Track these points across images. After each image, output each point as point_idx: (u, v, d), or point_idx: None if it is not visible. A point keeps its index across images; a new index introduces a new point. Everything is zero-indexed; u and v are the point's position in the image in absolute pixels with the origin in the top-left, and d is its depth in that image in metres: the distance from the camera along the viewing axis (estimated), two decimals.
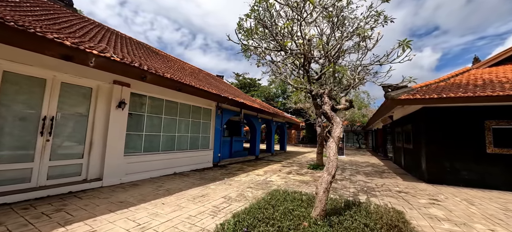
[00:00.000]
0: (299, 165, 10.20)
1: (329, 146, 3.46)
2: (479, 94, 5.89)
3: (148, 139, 6.35)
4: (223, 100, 8.40)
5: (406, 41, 4.04)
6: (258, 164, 9.87)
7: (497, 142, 6.45)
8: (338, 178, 7.26)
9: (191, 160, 7.73)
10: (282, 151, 17.90)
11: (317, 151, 9.14)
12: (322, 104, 4.06)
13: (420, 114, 7.55)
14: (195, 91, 6.87)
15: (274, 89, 31.00)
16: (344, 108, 4.36)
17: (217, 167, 8.56)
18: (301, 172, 8.25)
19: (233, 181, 6.12)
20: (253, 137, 12.79)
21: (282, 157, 13.43)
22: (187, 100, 7.74)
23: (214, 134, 8.98)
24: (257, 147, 12.76)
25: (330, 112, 3.79)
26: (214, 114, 9.06)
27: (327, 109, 3.83)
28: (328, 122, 3.84)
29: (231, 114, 10.15)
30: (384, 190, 5.81)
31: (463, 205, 4.64)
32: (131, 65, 4.48)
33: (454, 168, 6.78)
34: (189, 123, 7.91)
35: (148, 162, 6.18)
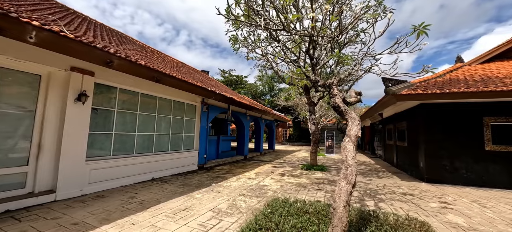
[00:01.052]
0: (292, 165, 9.59)
1: (345, 147, 2.79)
2: (483, 89, 5.62)
3: (119, 140, 5.31)
4: (209, 94, 7.51)
5: (423, 26, 3.48)
6: (248, 165, 9.11)
7: (496, 139, 6.27)
8: (336, 179, 6.71)
9: (172, 163, 6.77)
10: (270, 150, 17.30)
11: (311, 151, 8.59)
12: (332, 97, 3.39)
13: (417, 111, 7.24)
14: (177, 83, 5.92)
15: (261, 86, 30.34)
16: (356, 102, 3.75)
17: (203, 170, 7.66)
18: (295, 173, 7.62)
19: (222, 187, 5.30)
20: (241, 135, 12.00)
21: (272, 157, 12.79)
22: (168, 94, 6.75)
23: (199, 133, 8.05)
24: (246, 147, 11.99)
25: (343, 106, 3.12)
26: (199, 110, 8.13)
27: (338, 101, 3.16)
28: (341, 117, 3.16)
29: (218, 111, 9.27)
30: (388, 192, 5.33)
31: (476, 209, 4.25)
32: (90, 46, 3.48)
33: (453, 166, 6.53)
34: (170, 120, 6.92)
35: (119, 167, 5.16)
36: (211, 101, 8.62)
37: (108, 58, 3.93)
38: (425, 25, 3.42)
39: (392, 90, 6.29)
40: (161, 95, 6.53)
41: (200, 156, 7.98)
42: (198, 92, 7.22)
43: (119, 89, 5.31)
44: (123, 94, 5.43)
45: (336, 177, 7.08)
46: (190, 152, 7.61)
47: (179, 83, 5.87)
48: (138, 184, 5.34)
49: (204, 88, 6.60)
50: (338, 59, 4.44)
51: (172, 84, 6.07)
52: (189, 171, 7.37)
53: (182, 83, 5.85)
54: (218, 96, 7.63)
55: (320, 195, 4.88)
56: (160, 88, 6.28)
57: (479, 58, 8.64)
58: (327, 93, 3.71)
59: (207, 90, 6.81)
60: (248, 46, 9.96)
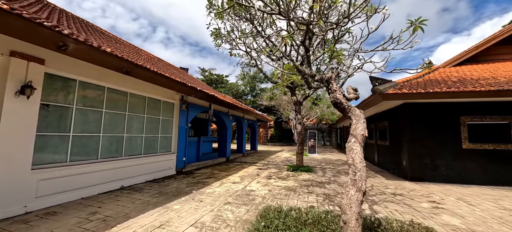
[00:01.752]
0: (277, 167, 9.25)
1: (352, 149, 2.44)
2: (463, 90, 5.79)
3: (78, 143, 4.44)
4: (189, 91, 6.83)
5: (420, 21, 3.30)
6: (231, 168, 8.55)
7: (471, 137, 6.56)
8: (324, 180, 6.50)
9: (146, 168, 5.97)
10: (253, 150, 16.87)
11: (297, 151, 8.33)
12: (331, 92, 3.05)
13: (400, 110, 7.35)
14: (151, 76, 5.19)
15: (243, 86, 29.82)
16: (354, 98, 3.46)
17: (182, 175, 6.94)
18: (282, 175, 7.26)
19: (204, 195, 4.71)
20: (224, 136, 11.38)
21: (255, 158, 12.36)
22: (141, 90, 5.94)
23: (178, 133, 7.31)
24: (228, 148, 11.40)
25: (346, 102, 2.79)
26: (178, 109, 7.38)
27: (340, 97, 2.83)
28: (343, 114, 2.82)
29: (198, 110, 8.57)
30: (378, 193, 5.20)
31: (465, 207, 4.25)
32: (34, 22, 2.70)
33: (434, 164, 6.70)
34: (143, 120, 6.11)
35: (79, 176, 4.30)
36: (191, 99, 7.91)
37: (60, 41, 3.14)
38: (422, 20, 3.24)
39: (379, 89, 6.24)
40: (133, 91, 5.72)
41: (178, 159, 7.24)
42: (177, 88, 6.51)
43: (79, 82, 4.44)
44: (84, 88, 4.57)
45: (323, 178, 6.88)
46: (167, 155, 6.84)
47: (154, 76, 5.14)
48: (103, 195, 4.51)
49: (183, 84, 5.92)
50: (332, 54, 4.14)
51: (146, 78, 5.31)
52: (166, 176, 6.60)
53: (158, 77, 5.13)
54: (199, 94, 6.98)
55: (312, 199, 4.55)
56: (131, 82, 5.47)
57: (452, 61, 9.14)
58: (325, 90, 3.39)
59: (187, 86, 6.14)
60: (231, 42, 9.46)
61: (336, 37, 4.09)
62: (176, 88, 6.49)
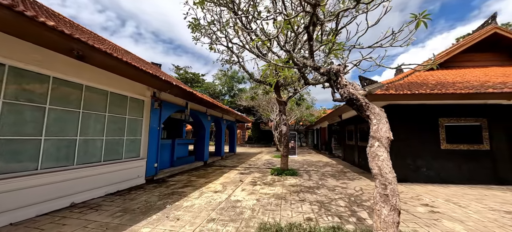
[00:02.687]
0: (260, 170, 8.69)
1: (376, 155, 1.98)
2: (445, 92, 5.91)
3: (7, 149, 3.31)
4: (163, 86, 5.91)
5: (424, 15, 3.03)
6: (210, 173, 7.74)
7: (449, 138, 6.80)
8: (313, 185, 6.12)
9: (108, 178, 4.91)
10: (231, 153, 16.10)
11: (282, 154, 7.87)
12: (340, 87, 2.58)
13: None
14: (115, 66, 4.22)
15: (220, 86, 28.77)
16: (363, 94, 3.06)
17: (153, 184, 5.95)
18: (267, 180, 6.72)
19: (181, 210, 3.91)
20: (201, 138, 10.46)
21: (235, 161, 11.65)
22: (102, 83, 4.88)
23: (149, 136, 6.30)
24: (206, 151, 10.50)
25: (363, 98, 2.34)
26: (149, 107, 6.37)
27: (356, 92, 2.37)
28: (358, 112, 2.36)
29: (173, 109, 7.59)
30: (371, 198, 4.94)
31: (458, 209, 4.18)
32: None
33: (415, 165, 6.80)
34: (104, 119, 5.04)
35: (6, 194, 3.19)
36: (165, 96, 6.93)
37: None
38: (426, 15, 2.98)
39: (367, 89, 6.08)
40: (91, 84, 4.64)
41: (149, 166, 6.22)
42: (148, 82, 5.55)
43: (8, 68, 3.32)
44: (17, 76, 3.45)
45: (310, 182, 6.51)
46: (135, 161, 5.80)
47: (118, 65, 4.19)
48: (43, 217, 3.44)
49: (156, 77, 5.01)
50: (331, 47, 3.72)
51: (107, 67, 4.32)
52: (134, 186, 5.57)
53: (124, 66, 4.19)
54: (175, 90, 6.09)
55: (307, 209, 4.07)
56: (88, 72, 4.42)
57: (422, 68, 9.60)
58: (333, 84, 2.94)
59: (160, 80, 5.23)
60: (211, 35, 8.67)
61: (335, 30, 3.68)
62: (147, 82, 5.53)
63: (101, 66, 4.24)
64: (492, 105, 6.68)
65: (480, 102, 6.66)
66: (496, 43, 9.35)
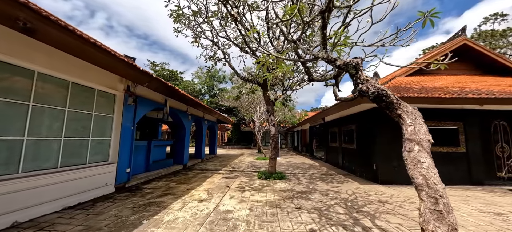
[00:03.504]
0: (245, 174, 8.18)
1: (418, 162, 1.67)
2: (433, 95, 6.07)
3: None
4: (140, 78, 5.12)
5: (432, 13, 2.87)
6: (192, 178, 7.01)
7: None
8: (304, 189, 5.81)
9: (65, 189, 3.99)
10: (212, 155, 15.31)
11: (270, 157, 7.48)
12: (361, 82, 2.24)
13: (371, 114, 7.41)
14: (78, 46, 3.41)
15: (200, 85, 27.56)
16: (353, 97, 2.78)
17: (125, 192, 5.09)
18: (255, 185, 6.25)
19: (161, 226, 3.25)
20: (181, 139, 9.60)
21: (216, 164, 10.96)
22: (61, 70, 3.97)
23: (121, 136, 5.41)
24: (186, 153, 9.67)
25: (394, 95, 2.01)
26: (122, 103, 5.49)
27: (385, 88, 2.03)
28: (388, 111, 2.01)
29: (150, 107, 6.73)
30: (367, 203, 4.77)
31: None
32: None
33: (400, 167, 6.90)
34: (63, 116, 4.12)
35: None
36: (141, 90, 6.07)
37: None
38: (435, 13, 2.81)
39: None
40: (45, 70, 3.72)
41: (120, 171, 5.33)
42: (121, 71, 4.73)
43: None
44: None
45: (301, 186, 6.21)
46: (103, 166, 4.90)
47: (83, 47, 3.38)
48: None
49: (132, 66, 4.25)
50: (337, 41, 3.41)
51: (67, 47, 3.48)
52: (101, 196, 4.68)
53: (91, 48, 3.39)
54: (154, 83, 5.33)
55: (307, 219, 3.70)
56: (41, 54, 3.52)
57: (404, 72, 10.05)
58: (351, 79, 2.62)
59: (137, 70, 4.47)
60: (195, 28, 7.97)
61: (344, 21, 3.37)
62: (120, 71, 4.71)
63: (59, 46, 3.39)
64: (467, 110, 7.09)
65: (457, 107, 7.02)
66: (464, 53, 10.14)
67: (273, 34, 4.86)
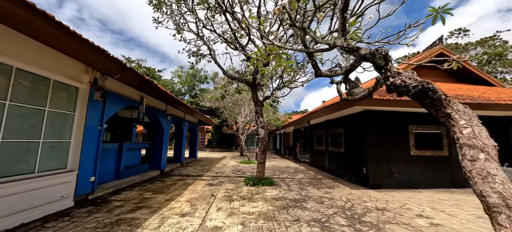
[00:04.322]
0: (231, 180, 7.55)
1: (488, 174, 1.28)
2: None
3: None
4: (111, 67, 4.29)
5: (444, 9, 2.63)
6: (171, 186, 6.21)
7: (417, 145, 7.12)
8: (297, 197, 5.39)
9: (3, 207, 3.05)
10: (192, 158, 14.34)
11: (259, 161, 6.95)
12: (391, 76, 1.85)
13: (361, 117, 7.30)
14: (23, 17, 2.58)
15: (180, 84, 26.14)
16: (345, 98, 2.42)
17: (87, 207, 4.18)
18: (243, 193, 5.68)
19: None
20: (158, 141, 8.65)
21: (198, 168, 10.14)
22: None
23: (84, 138, 4.48)
24: (163, 157, 8.74)
25: (439, 90, 1.62)
26: (87, 98, 4.57)
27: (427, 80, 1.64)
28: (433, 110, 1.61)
29: (122, 104, 5.81)
30: (366, 211, 4.47)
31: (452, 219, 4.03)
32: None
33: (389, 171, 6.85)
34: (2, 111, 3.18)
35: None
36: (112, 84, 5.17)
37: None
38: (447, 9, 2.58)
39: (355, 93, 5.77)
40: None
41: (82, 180, 4.40)
42: (87, 57, 3.89)
43: None
44: None
45: (292, 193, 5.78)
46: (59, 175, 3.95)
47: (29, 19, 2.56)
48: None
49: (101, 51, 3.46)
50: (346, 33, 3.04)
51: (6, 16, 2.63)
52: (54, 214, 3.74)
53: (41, 21, 2.59)
54: (129, 75, 4.52)
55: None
56: None
57: None
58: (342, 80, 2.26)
59: (107, 58, 3.67)
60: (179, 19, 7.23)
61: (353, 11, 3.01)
62: (82, 56, 3.85)
63: None
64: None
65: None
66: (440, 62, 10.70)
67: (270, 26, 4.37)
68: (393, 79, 1.82)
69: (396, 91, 1.84)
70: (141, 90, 6.03)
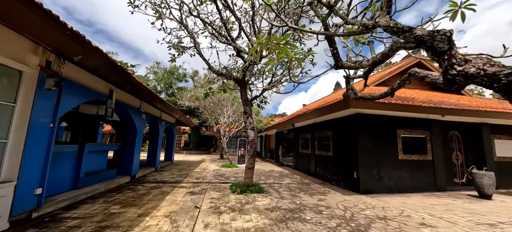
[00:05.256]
0: (215, 187, 6.80)
1: None
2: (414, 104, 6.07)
3: None
4: (68, 46, 3.34)
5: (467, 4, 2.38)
6: (143, 196, 5.27)
7: (405, 149, 7.15)
8: (292, 206, 4.89)
9: None
10: (168, 162, 13.12)
11: (247, 166, 6.31)
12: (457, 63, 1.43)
13: (352, 120, 7.13)
14: None
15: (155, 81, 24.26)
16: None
17: (27, 229, 3.15)
18: (232, 203, 5.01)
19: None
20: (130, 143, 7.52)
21: (175, 173, 9.13)
22: None
23: (29, 137, 3.43)
24: (135, 160, 7.63)
25: None
26: (35, 85, 3.53)
27: None
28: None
29: (84, 97, 4.74)
30: (369, 221, 4.14)
31: (456, 228, 3.87)
32: None
33: (379, 175, 6.75)
34: None
35: None
36: (71, 71, 4.14)
37: None
38: (469, 4, 2.34)
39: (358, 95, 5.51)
40: None
41: (22, 194, 3.34)
42: (32, 27, 2.92)
43: None
44: None
45: (286, 201, 5.29)
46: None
47: None
48: None
49: (51, 17, 2.56)
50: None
51: None
52: None
53: None
54: (94, 58, 3.59)
55: None
56: None
57: (373, 82, 10.47)
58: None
59: (62, 28, 2.76)
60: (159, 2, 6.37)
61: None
62: (30, 27, 2.88)
63: None
64: (432, 120, 7.51)
65: (424, 117, 7.36)
66: None
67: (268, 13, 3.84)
68: (462, 67, 1.40)
69: (464, 83, 1.43)
70: (110, 80, 5.02)
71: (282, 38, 2.69)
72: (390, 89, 2.62)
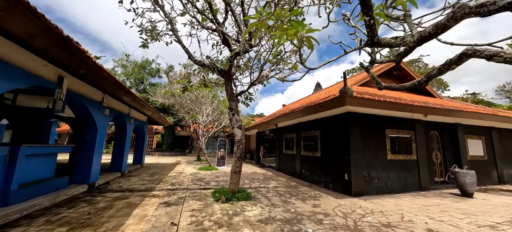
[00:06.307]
0: (193, 193, 5.89)
1: None
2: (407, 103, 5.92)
3: None
4: None
5: None
6: (103, 210, 4.18)
7: (393, 149, 7.06)
8: (287, 216, 4.28)
9: None
10: (138, 165, 11.62)
11: (233, 169, 5.54)
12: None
13: (342, 119, 6.82)
14: None
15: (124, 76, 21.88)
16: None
17: None
18: (217, 215, 4.21)
19: None
20: (87, 144, 6.20)
21: (146, 179, 7.92)
22: None
23: None
24: (95, 165, 6.33)
25: None
26: None
27: None
28: None
29: (17, 81, 3.53)
30: (375, 230, 3.70)
31: (459, 230, 3.63)
32: None
33: (370, 176, 6.53)
34: None
35: None
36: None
37: None
38: None
39: (350, 91, 5.12)
40: None
41: None
42: None
43: None
44: None
45: (279, 210, 4.66)
46: None
47: None
48: None
49: None
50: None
51: None
52: None
53: None
54: (24, 19, 2.52)
55: None
56: None
57: (357, 82, 10.46)
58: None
59: None
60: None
61: None
62: None
63: None
64: (416, 120, 7.57)
65: (409, 117, 7.40)
66: (391, 73, 11.54)
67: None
68: None
69: None
70: (55, 59, 3.84)
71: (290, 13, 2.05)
72: (425, 77, 2.14)
